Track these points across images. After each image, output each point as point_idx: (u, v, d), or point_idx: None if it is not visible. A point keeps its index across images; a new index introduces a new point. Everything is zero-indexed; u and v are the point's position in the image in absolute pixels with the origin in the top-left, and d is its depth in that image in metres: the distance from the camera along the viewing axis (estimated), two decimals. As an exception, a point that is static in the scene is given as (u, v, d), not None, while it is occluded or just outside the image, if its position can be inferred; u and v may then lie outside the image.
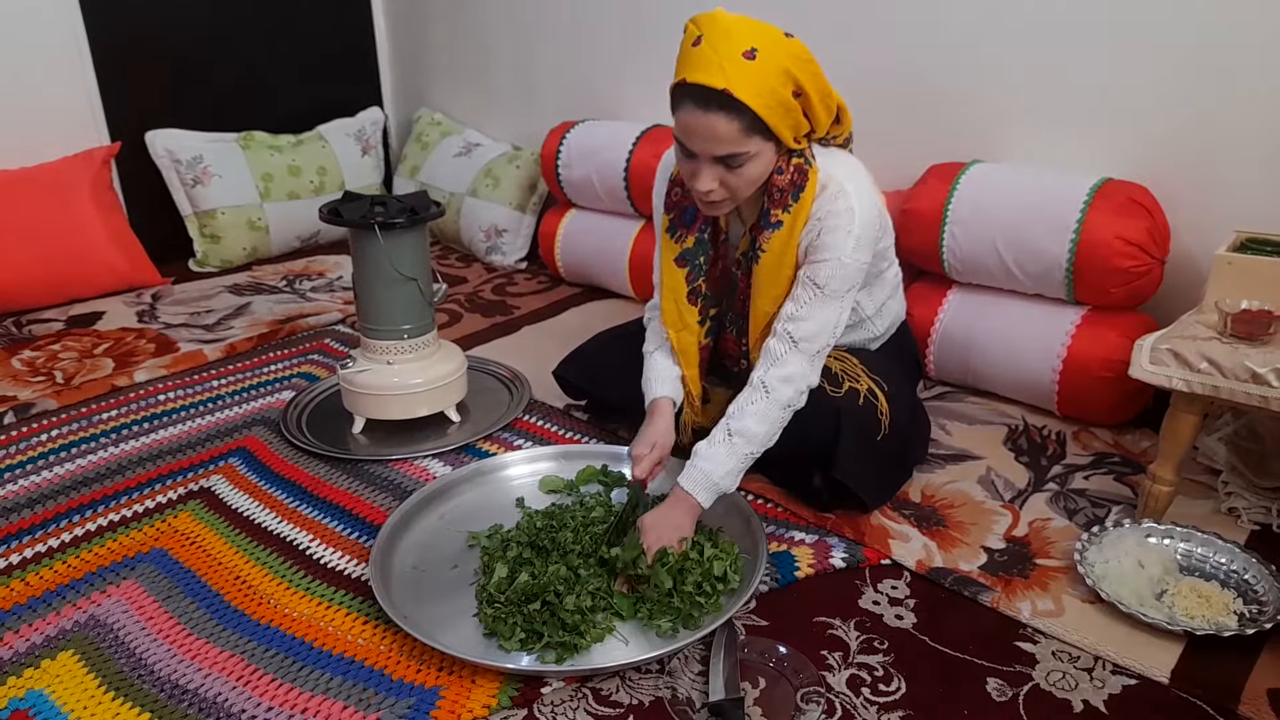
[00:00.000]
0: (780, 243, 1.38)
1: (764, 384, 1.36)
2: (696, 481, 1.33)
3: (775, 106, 1.24)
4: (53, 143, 2.58)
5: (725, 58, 1.20)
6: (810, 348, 1.37)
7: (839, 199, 1.34)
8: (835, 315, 1.37)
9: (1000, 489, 1.59)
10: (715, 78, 1.20)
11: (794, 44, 1.26)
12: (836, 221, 1.34)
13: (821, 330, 1.37)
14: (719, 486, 1.33)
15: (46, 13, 2.57)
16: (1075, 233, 1.71)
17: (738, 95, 1.20)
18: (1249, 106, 1.68)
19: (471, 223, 2.89)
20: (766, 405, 1.35)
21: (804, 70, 1.26)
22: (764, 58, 1.21)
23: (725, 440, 1.35)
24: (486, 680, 1.15)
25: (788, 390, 1.36)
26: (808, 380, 1.38)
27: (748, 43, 1.21)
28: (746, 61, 1.21)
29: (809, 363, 1.37)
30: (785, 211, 1.36)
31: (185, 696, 1.13)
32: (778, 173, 1.35)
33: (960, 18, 1.98)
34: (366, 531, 1.48)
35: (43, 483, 1.63)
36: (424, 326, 1.78)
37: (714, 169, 1.29)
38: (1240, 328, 1.36)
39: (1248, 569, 1.32)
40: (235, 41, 2.97)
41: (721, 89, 1.20)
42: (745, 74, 1.20)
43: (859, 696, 1.12)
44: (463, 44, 3.10)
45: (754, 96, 1.21)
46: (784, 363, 1.36)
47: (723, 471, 1.33)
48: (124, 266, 2.59)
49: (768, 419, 1.35)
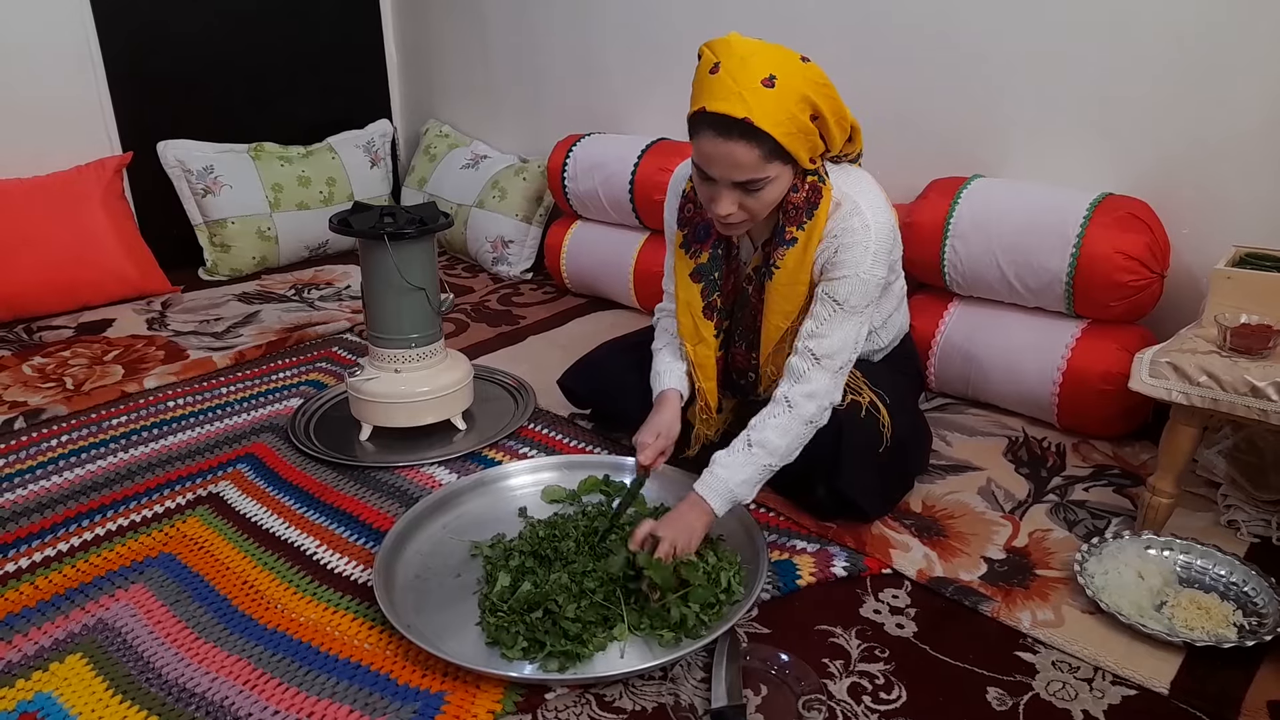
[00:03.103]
0: (794, 259, 1.39)
1: (787, 399, 1.37)
2: (712, 487, 1.33)
3: (795, 133, 1.25)
4: (65, 152, 2.62)
5: (745, 86, 1.20)
6: (833, 364, 1.37)
7: (854, 216, 1.35)
8: (855, 331, 1.38)
9: (1000, 500, 1.60)
10: (736, 107, 1.20)
11: (811, 69, 1.26)
12: (853, 239, 1.35)
13: (843, 346, 1.37)
14: (734, 494, 1.33)
15: (60, 24, 2.60)
16: (1076, 247, 1.72)
17: (758, 124, 1.20)
18: (1248, 123, 1.70)
19: (478, 234, 2.92)
20: (789, 419, 1.36)
21: (821, 95, 1.26)
22: (783, 85, 1.21)
23: (745, 450, 1.35)
24: (490, 686, 1.16)
25: (811, 406, 1.37)
26: (830, 397, 1.39)
27: (766, 70, 1.21)
28: (766, 90, 1.20)
29: (831, 379, 1.38)
30: (799, 229, 1.37)
31: (192, 700, 1.15)
32: (793, 191, 1.36)
33: (962, 33, 2.00)
34: (373, 538, 1.49)
35: (52, 487, 1.65)
36: (431, 335, 1.80)
37: (733, 193, 1.30)
38: (1239, 342, 1.37)
39: (1247, 581, 1.33)
40: (246, 54, 3.01)
41: (743, 118, 1.20)
42: (765, 102, 1.20)
43: (860, 704, 1.13)
44: (471, 57, 3.14)
45: (775, 125, 1.21)
46: (807, 379, 1.37)
47: (740, 479, 1.33)
48: (134, 274, 2.62)
49: (789, 433, 1.36)
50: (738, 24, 2.31)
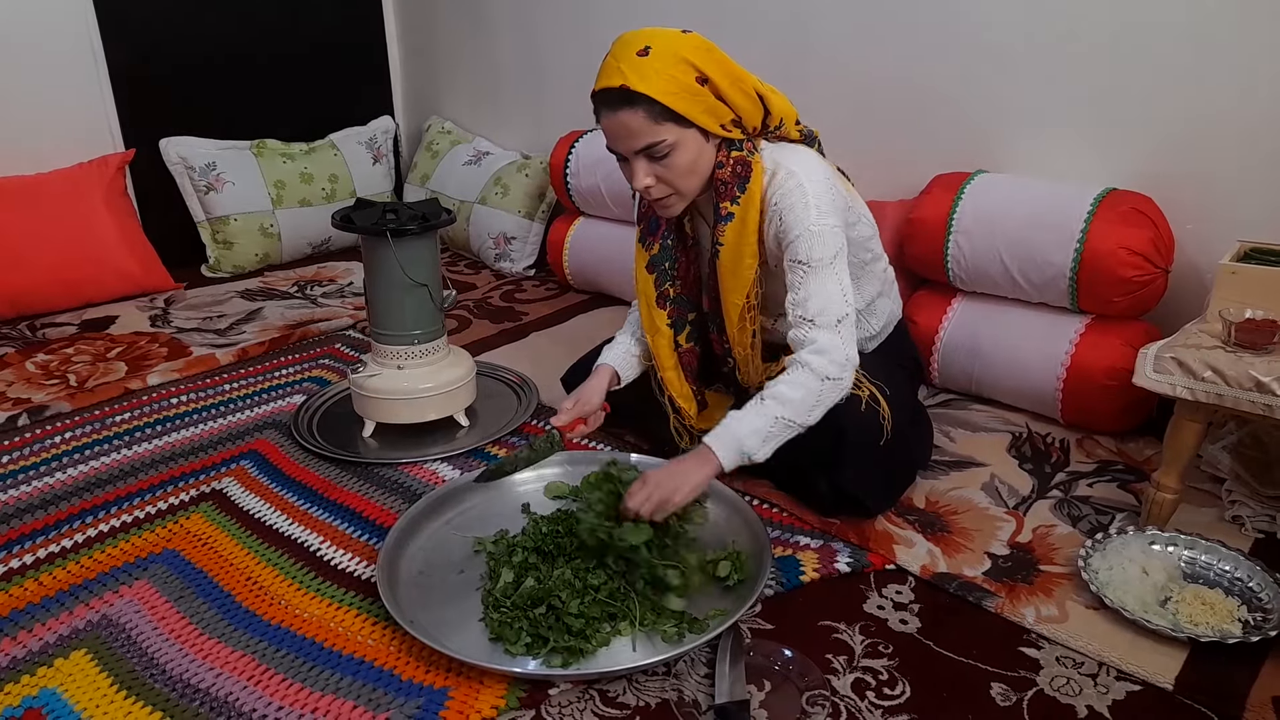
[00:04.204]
0: (734, 234, 1.41)
1: (797, 361, 1.36)
2: (719, 436, 1.32)
3: (678, 92, 1.30)
4: (68, 149, 2.62)
5: (622, 59, 1.30)
6: (827, 319, 1.35)
7: (788, 179, 1.38)
8: (835, 283, 1.36)
9: (1004, 495, 1.60)
10: (614, 78, 1.30)
11: (690, 36, 1.34)
12: (790, 200, 1.37)
13: (829, 301, 1.36)
14: (742, 445, 1.31)
15: (63, 22, 2.61)
16: (1079, 242, 1.72)
17: (635, 88, 1.28)
18: (1252, 117, 1.69)
19: (481, 230, 2.92)
20: (801, 374, 1.34)
21: (701, 57, 1.32)
22: (656, 51, 1.29)
23: (756, 403, 1.34)
24: (494, 681, 1.16)
25: (822, 360, 1.34)
26: (843, 351, 1.35)
27: (642, 43, 1.30)
28: (640, 58, 1.29)
29: (835, 333, 1.35)
30: (734, 204, 1.40)
31: (196, 696, 1.15)
32: (719, 167, 1.40)
33: (965, 29, 1.99)
34: (376, 534, 1.49)
35: (56, 484, 1.65)
36: (434, 332, 1.80)
37: (642, 163, 1.35)
38: (1244, 337, 1.37)
39: (1252, 576, 1.32)
40: (248, 50, 3.01)
41: (619, 85, 1.29)
42: (640, 69, 1.29)
43: (864, 700, 1.13)
44: (473, 54, 3.13)
45: (652, 87, 1.28)
46: (810, 340, 1.36)
47: (748, 429, 1.31)
48: (137, 271, 2.62)
49: (801, 386, 1.33)
50: (737, 22, 2.32)
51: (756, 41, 2.30)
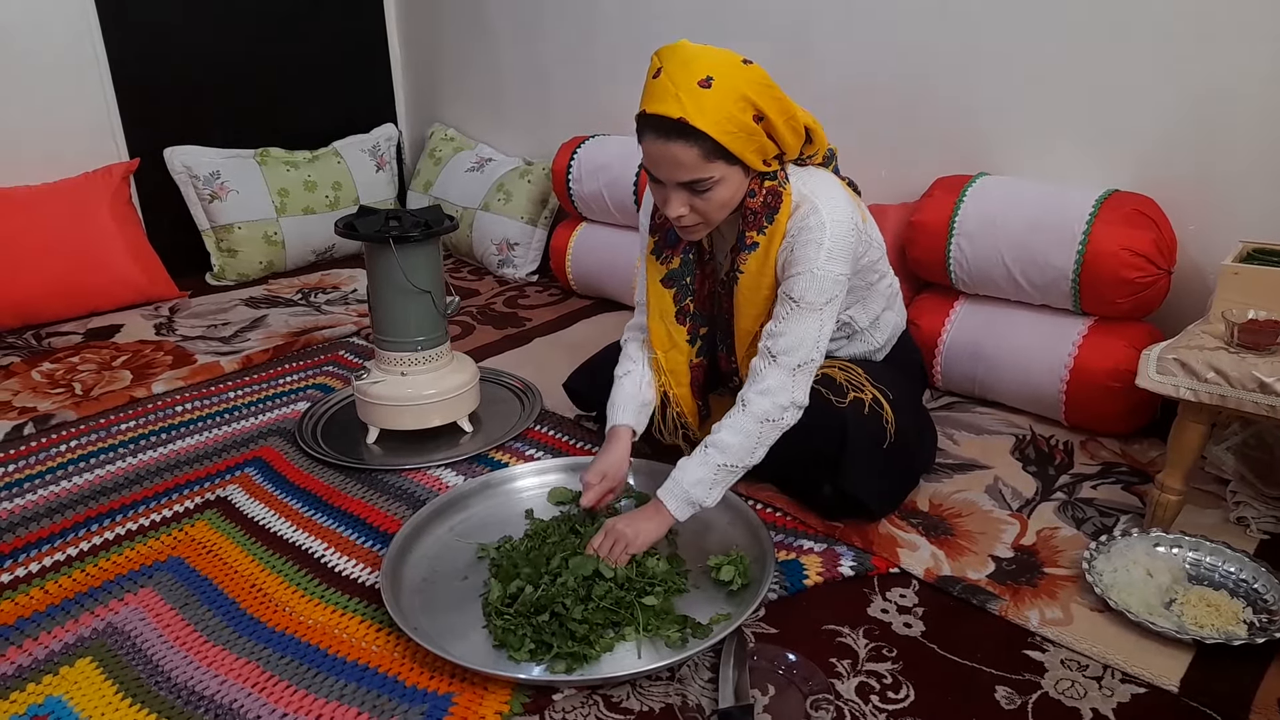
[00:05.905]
0: (756, 263, 1.40)
1: (743, 399, 1.37)
2: (667, 489, 1.34)
3: (735, 132, 1.26)
4: (73, 159, 2.64)
5: (681, 87, 1.23)
6: (789, 361, 1.35)
7: (811, 215, 1.35)
8: (815, 329, 1.36)
9: (1008, 498, 1.60)
10: (672, 107, 1.23)
11: (752, 69, 1.28)
12: (808, 236, 1.35)
13: (800, 343, 1.35)
14: (689, 495, 1.33)
15: (67, 32, 2.62)
16: (1082, 244, 1.71)
17: (694, 124, 1.23)
18: (1254, 118, 1.69)
19: (484, 236, 2.92)
20: (742, 418, 1.35)
21: (762, 95, 1.27)
22: (720, 85, 1.23)
23: (700, 452, 1.36)
24: (498, 687, 1.16)
25: (765, 403, 1.35)
26: (789, 395, 1.35)
27: (704, 71, 1.23)
28: (702, 90, 1.23)
29: (789, 376, 1.35)
30: (760, 233, 1.38)
31: (202, 703, 1.15)
32: (750, 195, 1.37)
33: (966, 31, 2.00)
34: (380, 540, 1.49)
35: (61, 492, 1.66)
36: (437, 338, 1.80)
37: (681, 194, 1.31)
38: (1247, 337, 1.36)
39: (1257, 578, 1.32)
40: (252, 60, 3.02)
41: (678, 118, 1.23)
42: (701, 102, 1.23)
43: (868, 704, 1.13)
44: (475, 61, 3.14)
45: (712, 125, 1.23)
46: (762, 378, 1.36)
47: (693, 480, 1.33)
48: (142, 280, 2.63)
49: (741, 431, 1.35)
50: (740, 27, 2.33)
51: (758, 43, 2.29)
